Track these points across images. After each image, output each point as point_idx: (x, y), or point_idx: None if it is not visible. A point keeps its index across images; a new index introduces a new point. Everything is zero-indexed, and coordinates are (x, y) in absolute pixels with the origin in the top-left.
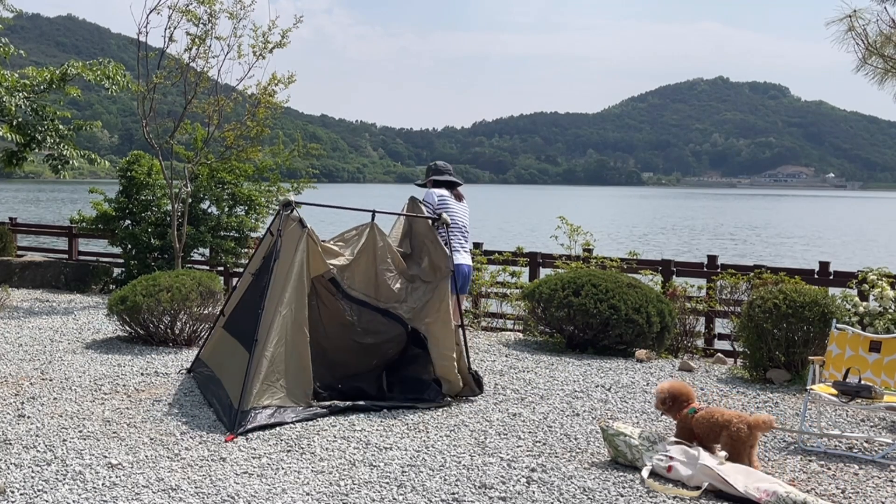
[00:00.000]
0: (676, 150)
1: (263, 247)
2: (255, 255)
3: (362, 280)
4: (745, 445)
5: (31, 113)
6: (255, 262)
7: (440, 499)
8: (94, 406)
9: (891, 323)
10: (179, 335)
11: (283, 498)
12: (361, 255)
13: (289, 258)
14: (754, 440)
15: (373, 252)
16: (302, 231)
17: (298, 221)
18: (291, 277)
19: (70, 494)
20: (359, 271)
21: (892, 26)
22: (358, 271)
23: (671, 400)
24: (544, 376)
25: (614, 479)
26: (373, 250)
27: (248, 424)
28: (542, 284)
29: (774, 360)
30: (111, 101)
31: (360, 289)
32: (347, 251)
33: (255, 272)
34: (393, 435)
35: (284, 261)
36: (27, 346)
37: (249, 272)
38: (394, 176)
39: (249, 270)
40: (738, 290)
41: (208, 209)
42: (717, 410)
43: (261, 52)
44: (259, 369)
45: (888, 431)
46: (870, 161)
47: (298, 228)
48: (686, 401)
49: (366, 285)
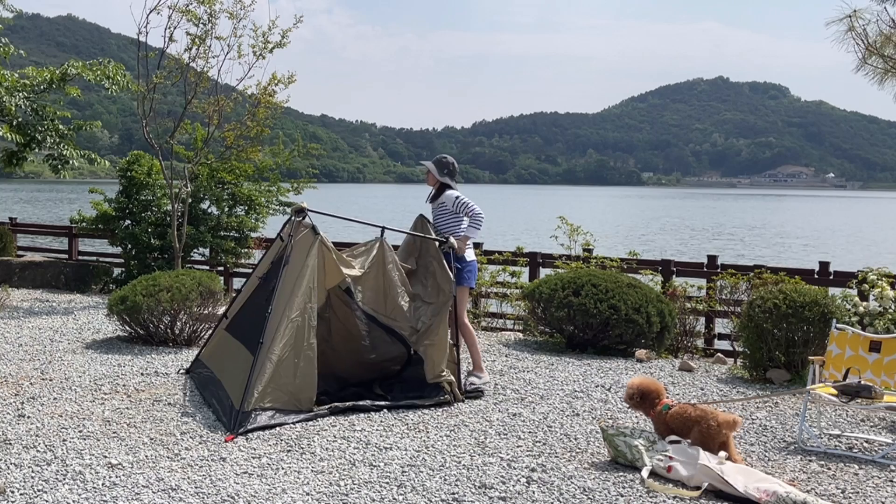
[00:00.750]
0: (676, 150)
1: (273, 251)
2: (264, 260)
3: (372, 294)
4: (714, 441)
5: (31, 113)
6: (264, 266)
7: (440, 499)
8: (94, 406)
9: (891, 323)
10: (179, 335)
11: (283, 498)
12: (371, 269)
13: (299, 263)
14: (724, 437)
15: (382, 267)
16: (315, 238)
17: (311, 228)
18: (302, 283)
19: (70, 494)
20: (368, 286)
21: (892, 26)
22: (367, 286)
23: (639, 396)
24: (544, 376)
25: (614, 479)
26: (382, 265)
27: (249, 425)
28: (542, 284)
29: (774, 360)
30: (111, 101)
31: (370, 303)
32: (358, 263)
33: (263, 276)
34: (393, 435)
35: (295, 266)
36: (27, 346)
37: (257, 276)
38: (394, 176)
39: (257, 274)
40: (738, 290)
41: (208, 209)
42: (690, 407)
43: (261, 52)
44: (263, 371)
45: (888, 431)
46: (870, 161)
47: (311, 235)
48: (656, 397)
49: (375, 300)
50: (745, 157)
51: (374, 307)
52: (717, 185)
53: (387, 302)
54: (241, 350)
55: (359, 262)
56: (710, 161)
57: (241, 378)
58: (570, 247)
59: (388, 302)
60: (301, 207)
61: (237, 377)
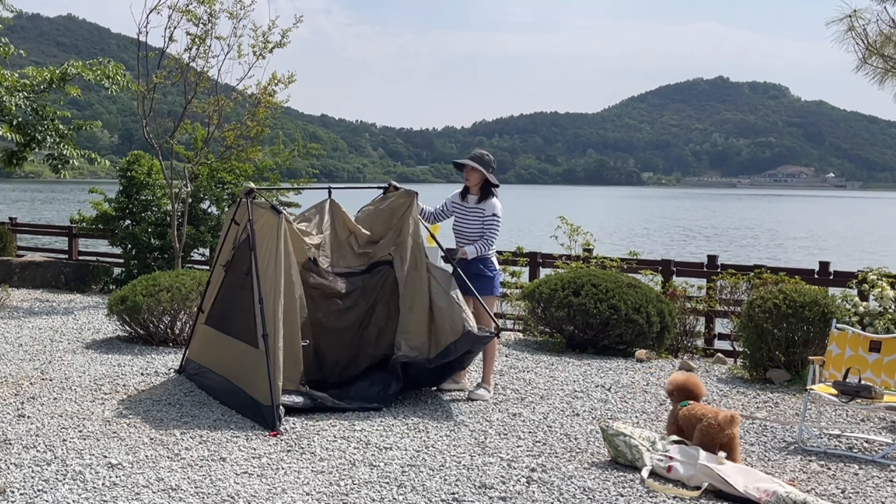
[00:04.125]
0: (676, 150)
1: (231, 238)
2: (223, 247)
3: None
4: (714, 440)
5: (31, 113)
6: (225, 254)
7: (440, 499)
8: (94, 406)
9: (891, 323)
10: (179, 335)
11: (283, 498)
12: (332, 231)
13: (271, 247)
14: (726, 437)
15: (341, 225)
16: (278, 217)
17: (270, 208)
18: (281, 266)
19: (70, 494)
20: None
21: (892, 26)
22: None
23: (676, 392)
24: (544, 376)
25: (614, 479)
26: (341, 223)
27: (281, 415)
28: (542, 284)
29: (774, 360)
30: (111, 101)
31: (342, 263)
32: (314, 229)
33: (227, 264)
34: (393, 435)
35: (266, 250)
36: (27, 346)
37: (220, 265)
38: (394, 176)
39: (220, 263)
40: (738, 290)
41: (208, 209)
42: (699, 406)
43: (261, 52)
44: (277, 363)
45: (888, 431)
46: (870, 161)
47: (273, 215)
48: (686, 396)
49: (345, 258)
50: (745, 157)
51: (347, 265)
52: (717, 185)
53: (358, 255)
54: (235, 344)
55: (313, 225)
56: (710, 161)
57: (254, 372)
58: (570, 247)
59: (358, 255)
60: (250, 188)
61: (248, 372)
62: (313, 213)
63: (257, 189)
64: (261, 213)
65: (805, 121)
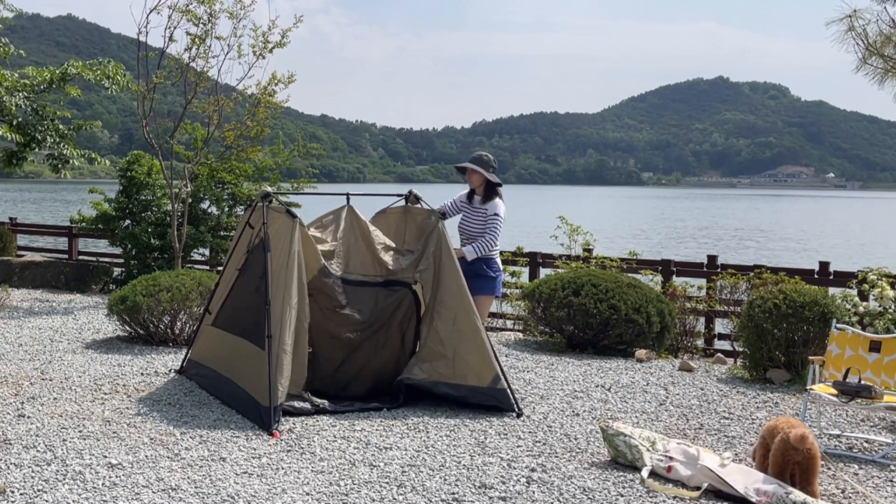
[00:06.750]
0: (676, 150)
1: (244, 240)
2: (237, 250)
3: (357, 261)
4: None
5: (31, 113)
6: (238, 256)
7: (440, 499)
8: (94, 406)
9: (891, 323)
10: (179, 335)
11: (283, 498)
12: (350, 237)
13: (284, 250)
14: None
15: (360, 231)
16: (293, 222)
17: (286, 212)
18: (293, 269)
19: (70, 494)
20: (354, 253)
21: (892, 26)
22: (353, 253)
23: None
24: (544, 376)
25: (614, 479)
26: (359, 229)
27: (280, 418)
28: (541, 284)
29: (774, 360)
30: (111, 101)
31: (359, 270)
32: (329, 236)
33: (241, 267)
34: (393, 435)
35: (280, 253)
36: (27, 346)
37: (234, 268)
38: (394, 176)
39: (234, 266)
40: (738, 290)
41: (208, 209)
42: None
43: (261, 52)
44: (281, 364)
45: (888, 431)
46: (870, 161)
47: (288, 219)
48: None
49: (363, 265)
50: (745, 157)
51: (363, 272)
52: (717, 185)
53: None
54: (243, 345)
55: (329, 233)
56: (710, 161)
57: (257, 374)
58: (569, 247)
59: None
60: (267, 192)
61: (252, 373)
62: (331, 220)
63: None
64: (276, 216)
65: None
